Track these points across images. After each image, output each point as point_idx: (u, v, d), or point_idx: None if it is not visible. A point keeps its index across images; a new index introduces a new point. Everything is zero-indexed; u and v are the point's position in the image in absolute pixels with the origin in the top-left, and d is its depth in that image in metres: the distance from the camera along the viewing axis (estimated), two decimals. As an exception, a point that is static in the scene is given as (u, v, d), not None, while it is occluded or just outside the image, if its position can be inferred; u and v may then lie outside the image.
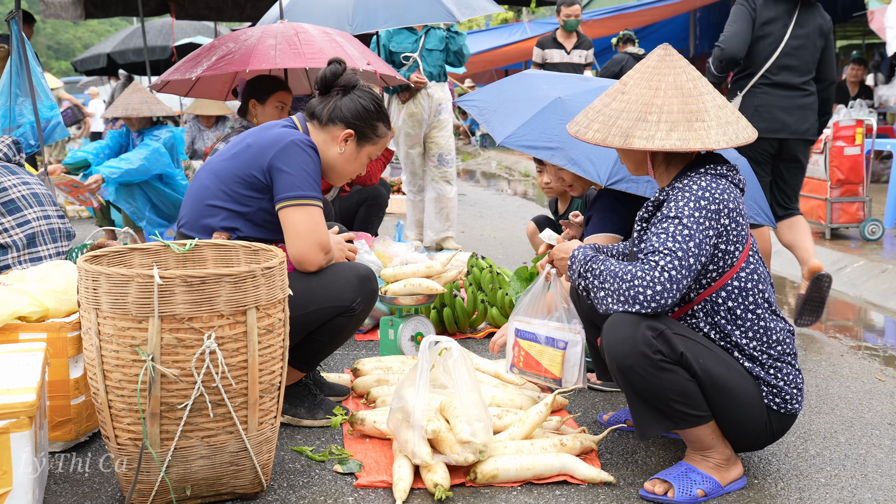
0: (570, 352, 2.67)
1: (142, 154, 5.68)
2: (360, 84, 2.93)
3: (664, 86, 2.44)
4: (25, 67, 5.49)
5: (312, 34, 4.36)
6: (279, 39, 4.24)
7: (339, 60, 2.90)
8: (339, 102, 2.86)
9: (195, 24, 13.67)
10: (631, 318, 2.29)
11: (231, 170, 2.78)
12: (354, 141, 2.89)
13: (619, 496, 2.44)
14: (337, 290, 2.73)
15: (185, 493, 2.27)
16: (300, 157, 2.73)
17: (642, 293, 2.25)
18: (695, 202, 2.34)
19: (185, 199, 2.89)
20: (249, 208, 2.76)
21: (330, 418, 2.92)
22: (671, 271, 2.25)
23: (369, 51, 4.83)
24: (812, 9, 4.61)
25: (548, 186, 4.08)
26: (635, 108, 2.43)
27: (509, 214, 8.81)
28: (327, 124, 2.86)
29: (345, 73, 2.89)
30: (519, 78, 4.03)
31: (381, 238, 4.23)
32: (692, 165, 2.48)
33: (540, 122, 3.53)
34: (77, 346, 2.67)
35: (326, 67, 2.89)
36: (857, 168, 6.32)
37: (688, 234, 2.29)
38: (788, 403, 2.43)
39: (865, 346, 4.14)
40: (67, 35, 46.39)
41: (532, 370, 2.76)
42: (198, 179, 2.88)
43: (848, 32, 20.40)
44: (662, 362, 2.27)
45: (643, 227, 2.56)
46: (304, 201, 2.70)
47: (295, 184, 2.69)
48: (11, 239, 3.33)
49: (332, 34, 4.51)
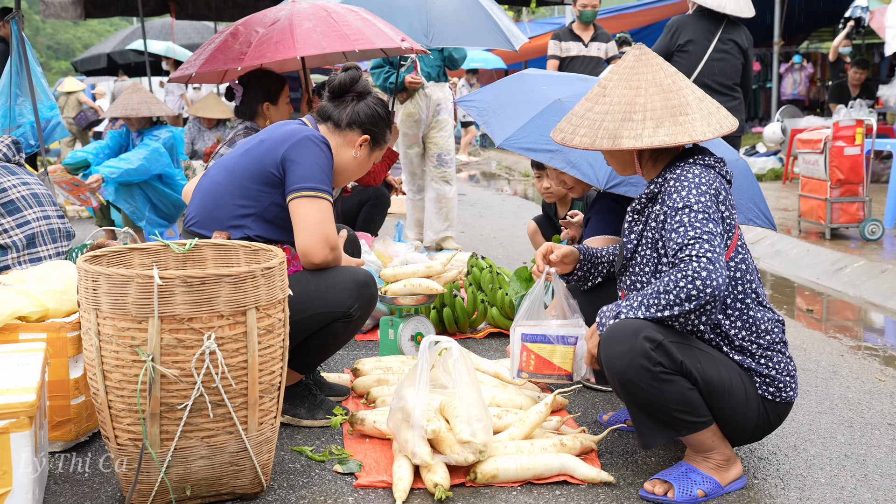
0: (580, 345, 2.70)
1: (141, 154, 5.68)
2: (373, 91, 3.00)
3: (644, 84, 2.46)
4: (25, 67, 5.49)
5: (342, 13, 4.17)
6: (315, 21, 4.05)
7: (356, 66, 2.97)
8: (357, 108, 2.91)
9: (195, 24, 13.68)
10: (628, 330, 2.29)
11: (244, 165, 2.79)
12: (368, 146, 2.95)
13: (619, 496, 2.44)
14: (335, 295, 2.73)
15: (185, 493, 2.27)
16: (314, 152, 2.75)
17: (692, 288, 2.21)
18: (696, 188, 2.36)
19: (194, 197, 2.89)
20: (261, 203, 2.77)
21: (330, 418, 2.92)
22: (707, 254, 2.23)
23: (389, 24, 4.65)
24: (735, 27, 5.70)
25: (547, 191, 4.10)
26: (619, 108, 2.44)
27: (509, 214, 8.81)
28: (345, 129, 2.91)
29: (361, 79, 2.95)
30: (519, 78, 4.02)
31: (381, 238, 4.23)
32: (679, 157, 2.51)
33: (539, 124, 3.53)
34: (77, 346, 2.67)
35: (345, 73, 2.94)
36: (857, 168, 6.32)
37: (704, 217, 2.30)
38: (782, 392, 2.43)
39: (865, 346, 4.14)
40: (67, 35, 46.39)
41: (544, 371, 2.75)
42: (208, 177, 2.88)
43: (848, 32, 20.40)
44: (663, 374, 2.27)
45: (634, 218, 2.57)
46: (315, 193, 2.71)
47: (307, 176, 2.71)
48: (11, 239, 3.33)
49: (359, 10, 4.31)
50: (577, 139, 2.48)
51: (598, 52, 7.26)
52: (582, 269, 2.86)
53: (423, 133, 6.32)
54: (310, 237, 2.69)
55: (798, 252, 6.24)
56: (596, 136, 2.44)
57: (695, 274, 2.21)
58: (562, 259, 2.79)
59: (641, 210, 2.55)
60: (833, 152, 6.29)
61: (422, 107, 6.22)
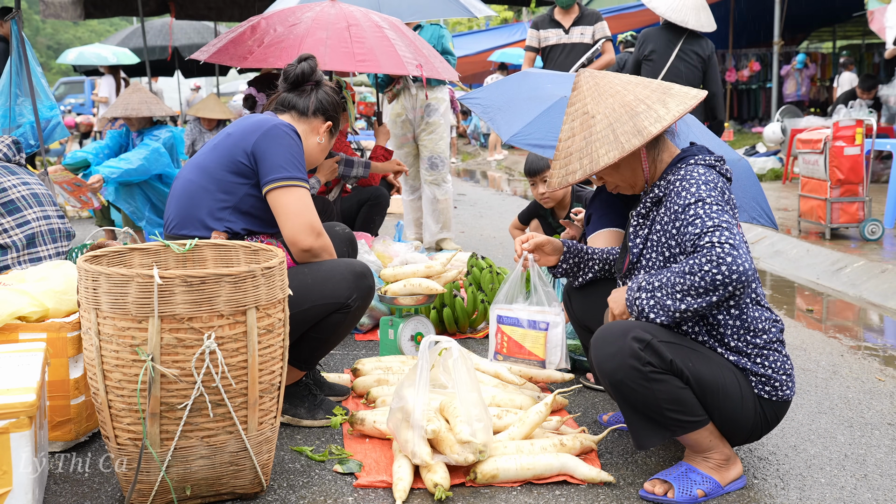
0: (552, 333, 2.73)
1: (141, 154, 5.69)
2: (324, 78, 3.11)
3: (620, 87, 2.51)
4: (25, 67, 5.49)
5: (364, 28, 4.17)
6: (330, 32, 4.06)
7: (310, 56, 3.05)
8: (319, 96, 3.01)
9: (195, 24, 13.67)
10: (617, 331, 2.30)
11: (214, 159, 2.82)
12: (329, 132, 3.06)
13: (619, 496, 2.44)
14: (332, 286, 2.74)
15: (185, 493, 2.27)
16: (284, 141, 2.78)
17: (718, 273, 2.18)
18: (705, 184, 2.37)
19: (170, 201, 2.89)
20: (235, 196, 2.79)
21: (330, 418, 2.92)
22: (729, 240, 2.21)
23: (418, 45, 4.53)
24: (696, 38, 6.31)
25: (543, 197, 4.15)
26: (619, 113, 2.45)
27: (509, 214, 8.80)
28: (311, 116, 3.00)
29: (317, 69, 3.05)
30: (522, 76, 4.03)
31: (381, 238, 4.24)
32: (678, 160, 2.52)
33: (545, 121, 3.55)
34: (77, 346, 2.67)
35: (305, 63, 3.01)
36: (857, 168, 6.31)
37: (718, 209, 2.30)
38: (779, 391, 2.43)
39: (865, 346, 4.14)
40: (67, 35, 46.35)
41: (516, 355, 2.82)
42: (180, 178, 2.89)
43: (848, 32, 20.43)
44: (653, 373, 2.27)
45: (639, 222, 2.57)
46: (291, 182, 2.74)
47: (280, 165, 2.74)
48: (11, 239, 3.33)
49: (385, 27, 4.30)
50: (602, 159, 2.42)
51: (581, 38, 6.49)
52: (567, 262, 2.86)
53: (414, 134, 6.27)
54: (294, 226, 2.72)
55: (798, 252, 6.24)
56: (619, 143, 2.40)
57: (720, 259, 2.18)
58: (539, 247, 2.80)
59: (647, 214, 2.55)
60: (833, 152, 6.29)
61: (408, 107, 6.15)
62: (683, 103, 2.43)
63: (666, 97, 2.46)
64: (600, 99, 2.50)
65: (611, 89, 2.50)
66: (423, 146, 6.25)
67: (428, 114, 6.16)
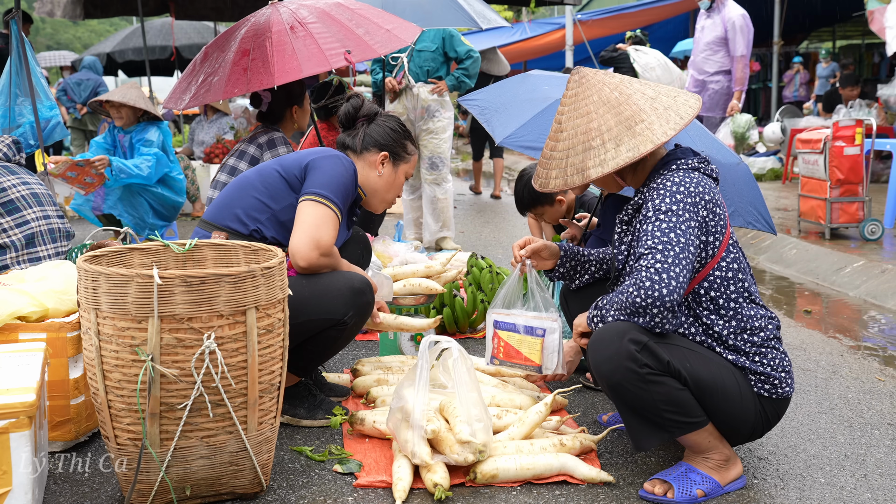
0: (549, 339, 2.73)
1: (149, 163, 5.76)
2: (381, 111, 3.12)
3: (592, 107, 2.45)
4: (25, 67, 5.49)
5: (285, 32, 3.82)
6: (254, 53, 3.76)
7: (357, 94, 3.10)
8: (368, 130, 3.04)
9: (195, 24, 13.68)
10: (614, 333, 2.30)
11: (273, 166, 2.93)
12: (390, 162, 3.05)
13: (619, 496, 2.44)
14: (329, 302, 2.72)
15: (185, 493, 2.27)
16: (337, 166, 2.86)
17: (638, 297, 2.25)
18: (670, 196, 2.35)
19: (223, 192, 2.96)
20: (279, 204, 2.85)
21: (329, 418, 2.92)
22: (655, 265, 2.24)
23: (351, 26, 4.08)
24: None
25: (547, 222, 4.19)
26: (578, 140, 2.44)
27: (509, 214, 8.81)
28: (362, 152, 3.03)
29: (364, 104, 3.09)
30: (522, 78, 4.04)
31: (381, 238, 4.23)
32: (664, 162, 2.50)
33: (539, 122, 3.55)
34: (77, 346, 2.67)
35: (348, 103, 3.07)
36: (856, 168, 6.31)
37: (667, 227, 2.30)
38: (778, 388, 2.43)
39: (865, 346, 4.14)
40: (67, 35, 46.34)
41: (512, 360, 2.81)
42: (244, 175, 2.98)
43: (848, 32, 20.42)
44: (650, 375, 2.27)
45: (623, 229, 2.58)
46: (323, 200, 2.77)
47: (322, 183, 2.80)
48: (10, 239, 3.33)
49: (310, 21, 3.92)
50: (553, 182, 2.48)
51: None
52: (563, 266, 2.87)
53: (415, 134, 6.27)
54: (300, 236, 2.72)
55: (798, 252, 6.24)
56: (566, 174, 2.45)
57: (641, 283, 2.25)
58: (535, 252, 2.81)
59: (629, 221, 2.56)
60: (833, 152, 6.28)
61: (409, 107, 6.17)
62: (636, 149, 2.33)
63: (625, 135, 2.37)
64: (573, 113, 2.49)
65: (585, 107, 2.46)
66: (423, 146, 6.26)
67: (429, 114, 6.18)
